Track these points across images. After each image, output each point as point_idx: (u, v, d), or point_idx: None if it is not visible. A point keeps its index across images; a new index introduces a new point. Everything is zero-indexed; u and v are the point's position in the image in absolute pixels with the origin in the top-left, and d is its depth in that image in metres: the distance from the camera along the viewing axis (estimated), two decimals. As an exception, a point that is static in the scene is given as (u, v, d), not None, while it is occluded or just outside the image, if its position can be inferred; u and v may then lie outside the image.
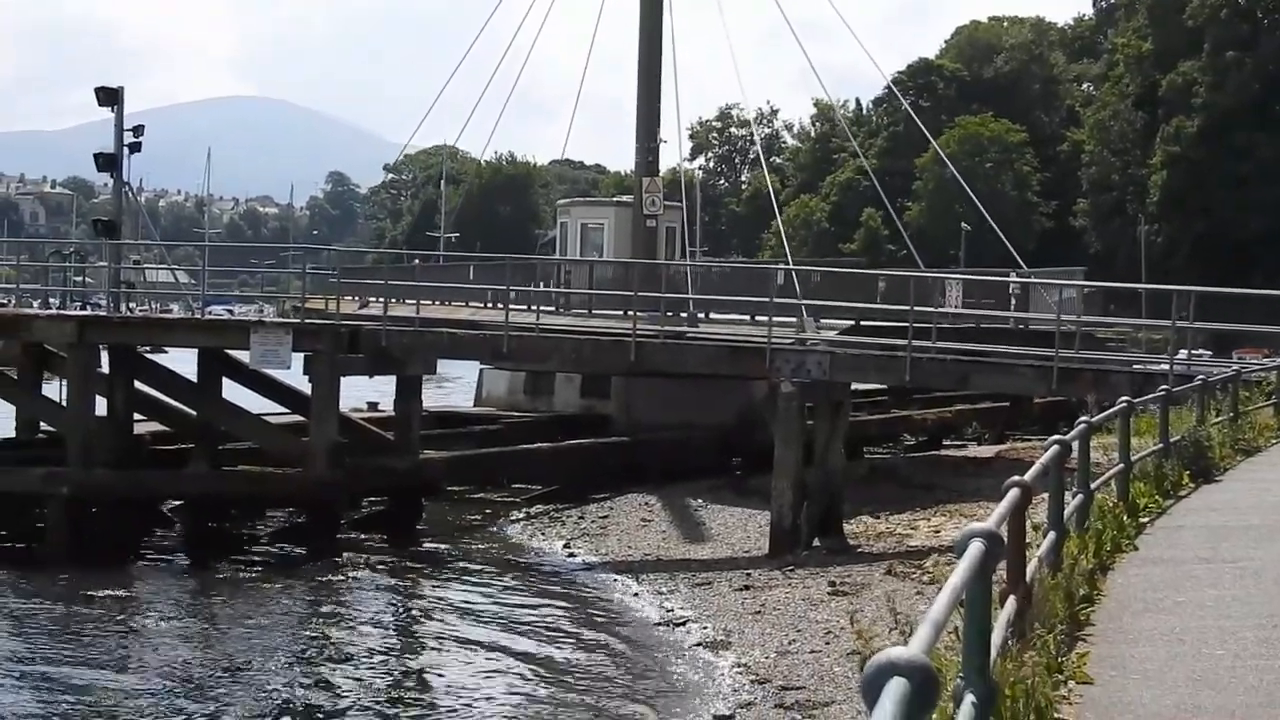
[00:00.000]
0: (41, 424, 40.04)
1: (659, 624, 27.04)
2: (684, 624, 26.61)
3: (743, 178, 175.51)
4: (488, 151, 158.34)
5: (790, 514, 31.80)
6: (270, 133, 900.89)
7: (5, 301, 49.09)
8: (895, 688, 4.95)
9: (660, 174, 52.00)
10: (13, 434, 40.57)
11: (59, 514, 34.43)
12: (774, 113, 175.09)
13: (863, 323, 36.86)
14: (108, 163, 40.74)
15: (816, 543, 31.55)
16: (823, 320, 36.89)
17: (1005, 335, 36.73)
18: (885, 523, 33.69)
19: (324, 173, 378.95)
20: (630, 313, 36.60)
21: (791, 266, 40.68)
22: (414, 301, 41.58)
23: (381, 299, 39.91)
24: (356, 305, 41.23)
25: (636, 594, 29.72)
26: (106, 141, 41.36)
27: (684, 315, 39.80)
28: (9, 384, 40.41)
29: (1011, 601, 10.36)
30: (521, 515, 39.92)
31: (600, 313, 42.33)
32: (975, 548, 7.37)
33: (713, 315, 40.75)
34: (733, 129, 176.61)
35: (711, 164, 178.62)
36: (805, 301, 36.64)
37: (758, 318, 36.48)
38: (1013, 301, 43.38)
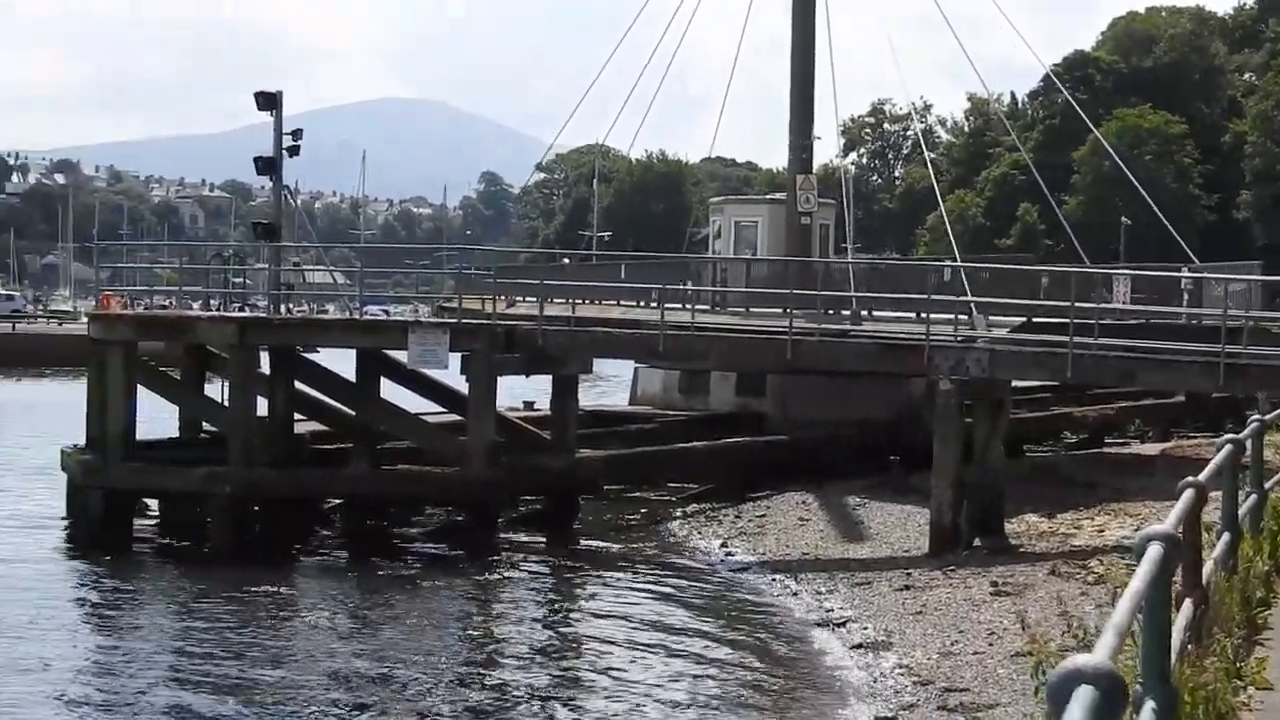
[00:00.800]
0: (204, 424, 40.53)
1: (818, 624, 26.87)
2: (844, 624, 26.43)
3: (896, 173, 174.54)
4: (639, 149, 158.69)
5: (950, 513, 31.50)
6: (425, 134, 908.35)
7: (167, 304, 49.67)
8: (1083, 695, 4.97)
9: (814, 171, 51.80)
10: (176, 434, 41.09)
11: (221, 513, 34.82)
12: (927, 108, 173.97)
13: (1034, 319, 36.31)
14: (267, 166, 41.12)
15: (977, 542, 31.22)
16: (992, 318, 36.53)
17: (1175, 332, 36.04)
18: (1047, 522, 33.23)
19: (477, 173, 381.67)
20: (787, 310, 36.41)
21: (960, 264, 40.18)
22: (568, 301, 41.63)
23: (530, 298, 40.01)
24: (504, 305, 41.31)
25: (795, 594, 29.56)
26: (264, 145, 41.74)
27: (846, 313, 39.57)
28: (172, 384, 40.91)
29: (1188, 605, 10.16)
30: (678, 514, 39.86)
31: (755, 310, 42.19)
32: (1154, 551, 7.22)
33: (875, 313, 40.47)
34: (886, 124, 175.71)
35: (864, 160, 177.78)
36: (965, 299, 36.24)
37: (914, 314, 36.21)
38: (1185, 297, 42.59)
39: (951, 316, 35.01)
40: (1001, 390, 32.90)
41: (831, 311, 39.17)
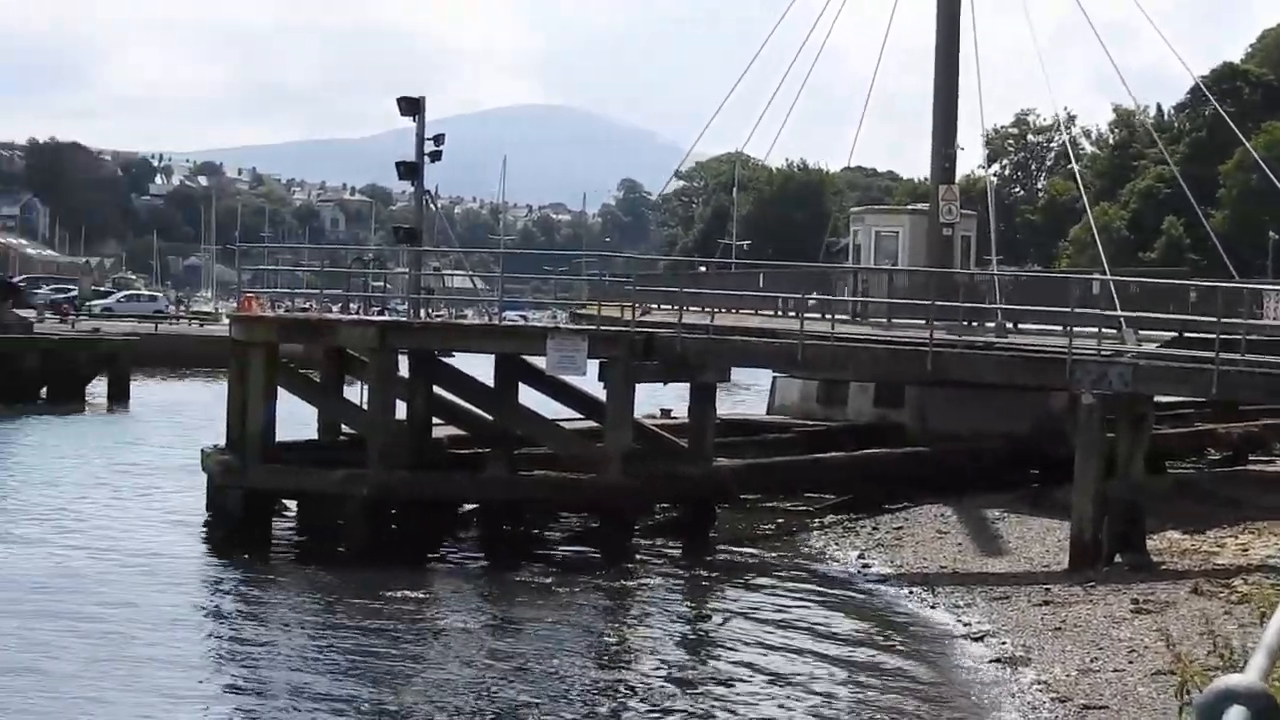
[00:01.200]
0: (343, 426, 40.86)
1: (956, 637, 26.66)
2: (982, 638, 26.20)
3: (1038, 185, 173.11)
4: (779, 157, 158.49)
5: (1090, 528, 31.15)
6: (565, 140, 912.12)
7: (308, 306, 50.16)
8: (1236, 716, 4.83)
9: (956, 181, 51.47)
10: (315, 436, 41.46)
11: (359, 515, 35.05)
12: (1071, 119, 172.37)
13: (1185, 334, 35.76)
14: (409, 171, 41.36)
15: (1118, 558, 30.83)
16: (1141, 332, 36.09)
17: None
18: (1190, 539, 32.76)
19: (617, 179, 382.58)
20: (928, 321, 36.16)
21: (1106, 277, 39.69)
22: (707, 309, 41.54)
23: (667, 305, 39.97)
24: (641, 311, 41.25)
25: (933, 606, 29.35)
26: (405, 149, 41.99)
27: (990, 325, 39.22)
28: (312, 386, 41.28)
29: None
30: (815, 525, 39.69)
31: (896, 321, 41.98)
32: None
33: (1021, 326, 40.06)
34: (1030, 135, 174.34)
35: (1007, 171, 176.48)
36: (1108, 313, 35.73)
37: (1061, 327, 35.81)
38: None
39: (1095, 330, 34.57)
40: (1144, 405, 32.48)
41: (973, 324, 38.83)
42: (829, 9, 54.44)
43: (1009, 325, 40.01)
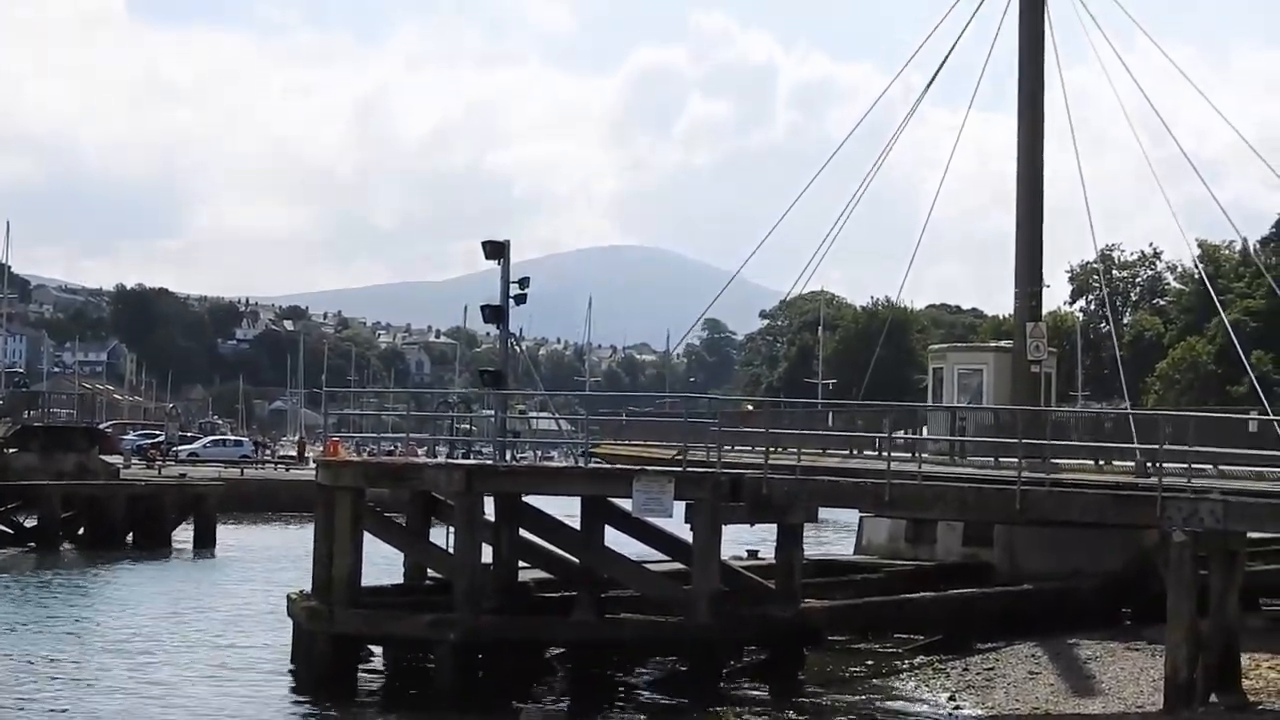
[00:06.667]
0: (428, 570, 40.82)
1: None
2: (1077, 782, 25.78)
3: (1124, 320, 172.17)
4: (863, 295, 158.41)
5: (1185, 668, 30.64)
6: (647, 280, 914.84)
7: (393, 449, 50.25)
8: None
9: (1042, 318, 51.30)
10: (401, 580, 41.45)
11: (447, 658, 34.92)
12: (1156, 255, 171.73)
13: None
14: (494, 315, 41.48)
15: (1214, 699, 30.31)
16: (1228, 467, 35.65)
17: None
18: (1287, 678, 32.22)
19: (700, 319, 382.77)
20: (1018, 459, 35.84)
21: (1191, 412, 39.30)
22: (789, 449, 41.28)
23: (750, 446, 39.76)
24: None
25: (1026, 749, 28.93)
26: (489, 291, 42.15)
27: (1077, 463, 38.83)
28: (398, 530, 41.30)
29: None
30: (904, 666, 39.26)
31: (982, 459, 41.67)
32: None
33: (1115, 463, 39.64)
34: (1114, 270, 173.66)
35: (1092, 306, 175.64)
36: (1196, 449, 35.29)
37: (1147, 465, 35.44)
38: None
39: (1185, 466, 34.13)
40: (1237, 542, 32.03)
41: (1057, 460, 38.47)
42: (911, 150, 54.56)
43: (1098, 462, 39.65)
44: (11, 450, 74.93)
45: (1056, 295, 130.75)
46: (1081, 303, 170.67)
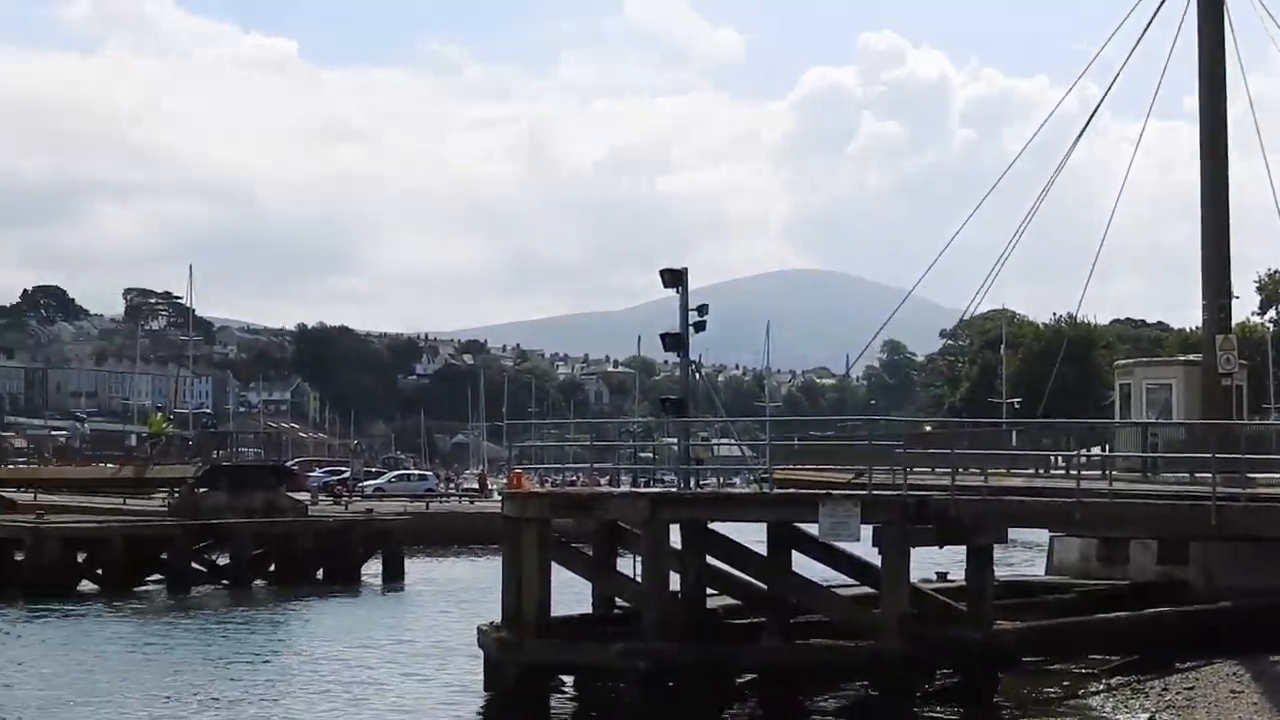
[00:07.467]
0: (617, 599, 40.82)
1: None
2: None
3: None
4: (1045, 312, 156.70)
5: (1395, 685, 29.87)
6: (825, 303, 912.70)
7: (576, 480, 50.41)
8: None
9: (1232, 330, 50.38)
10: (589, 610, 41.49)
11: (636, 688, 34.89)
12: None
13: None
14: (674, 342, 41.43)
15: None
16: None
17: None
18: None
19: (879, 341, 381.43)
20: (1211, 474, 35.13)
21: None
22: (975, 469, 40.80)
23: (942, 468, 39.32)
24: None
25: (1231, 771, 28.27)
26: (665, 319, 42.13)
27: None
28: (585, 560, 41.35)
29: None
30: (1100, 687, 38.55)
31: (1175, 475, 40.92)
32: None
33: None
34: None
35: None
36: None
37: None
38: None
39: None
40: None
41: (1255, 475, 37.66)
42: (1093, 162, 53.88)
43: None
44: (202, 490, 76.00)
45: (1245, 306, 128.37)
46: (1271, 313, 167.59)
